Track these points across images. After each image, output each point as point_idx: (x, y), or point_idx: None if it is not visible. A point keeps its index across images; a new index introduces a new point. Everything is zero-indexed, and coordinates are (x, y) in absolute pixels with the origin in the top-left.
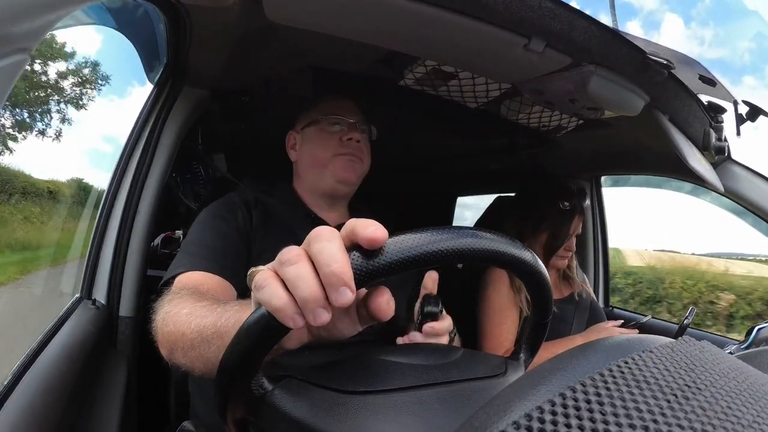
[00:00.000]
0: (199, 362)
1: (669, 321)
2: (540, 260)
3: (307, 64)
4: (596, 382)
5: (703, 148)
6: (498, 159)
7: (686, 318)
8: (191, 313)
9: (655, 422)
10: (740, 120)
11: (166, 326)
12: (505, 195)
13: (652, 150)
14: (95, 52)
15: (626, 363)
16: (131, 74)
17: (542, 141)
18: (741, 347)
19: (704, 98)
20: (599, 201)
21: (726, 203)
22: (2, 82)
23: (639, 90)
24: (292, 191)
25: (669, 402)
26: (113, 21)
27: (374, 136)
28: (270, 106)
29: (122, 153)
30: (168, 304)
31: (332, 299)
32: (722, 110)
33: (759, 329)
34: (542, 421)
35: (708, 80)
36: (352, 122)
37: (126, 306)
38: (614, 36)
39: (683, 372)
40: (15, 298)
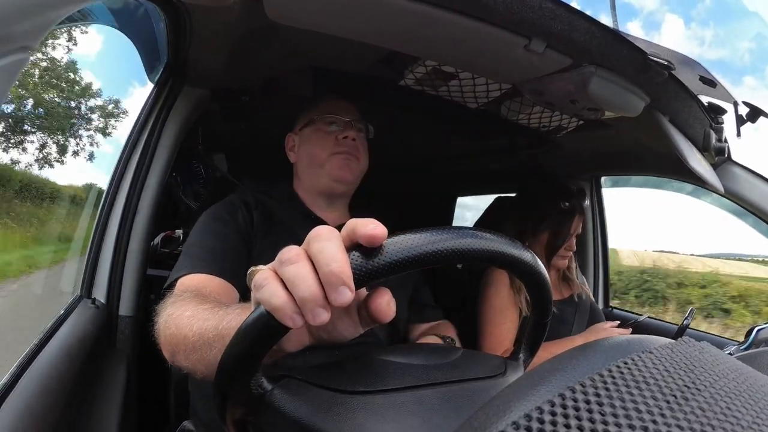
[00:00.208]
0: (201, 365)
1: (663, 320)
2: (539, 260)
3: (308, 64)
4: (596, 383)
5: (703, 149)
6: (498, 159)
7: (686, 319)
8: (193, 316)
9: (655, 423)
10: (740, 121)
11: (169, 329)
12: (505, 195)
13: (653, 151)
14: (95, 52)
15: (626, 364)
16: (131, 73)
17: (542, 141)
18: (740, 348)
19: (704, 99)
20: (599, 201)
21: (726, 204)
22: (3, 81)
23: (639, 91)
24: (292, 192)
25: (668, 403)
26: (113, 20)
27: (371, 135)
28: (270, 106)
29: (122, 152)
30: (170, 307)
31: (331, 298)
32: (722, 111)
33: (758, 330)
34: (542, 422)
35: (708, 81)
36: (348, 121)
37: (126, 305)
38: (615, 37)
39: (683, 373)
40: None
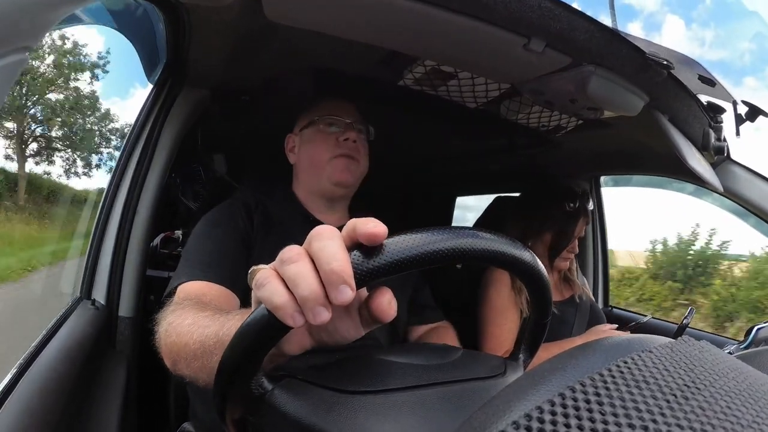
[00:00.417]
0: (203, 373)
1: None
2: (539, 261)
3: (307, 64)
4: (596, 382)
5: (703, 149)
6: (497, 159)
7: (685, 318)
8: (194, 324)
9: (655, 422)
10: (739, 120)
11: (169, 337)
12: (505, 195)
13: (652, 150)
14: (95, 52)
15: (626, 363)
16: (129, 74)
17: (542, 141)
18: (740, 347)
19: (704, 98)
20: (598, 201)
21: (727, 204)
22: (2, 82)
23: (639, 90)
24: (291, 194)
25: (668, 402)
26: (113, 21)
27: (372, 136)
28: (270, 107)
29: (122, 153)
30: (171, 315)
31: (332, 297)
32: (721, 110)
33: (758, 329)
34: (542, 421)
35: (707, 80)
36: (348, 122)
37: (125, 306)
38: (614, 36)
39: (683, 372)
40: None
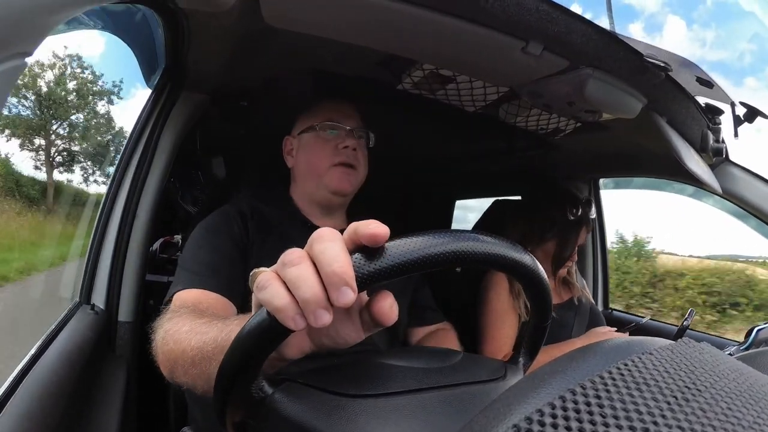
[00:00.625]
0: (201, 380)
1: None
2: (539, 264)
3: (306, 68)
4: (596, 385)
5: (701, 150)
6: (496, 162)
7: (686, 319)
8: (191, 330)
9: (656, 424)
10: (738, 122)
11: (167, 345)
12: (504, 198)
13: (650, 152)
14: (93, 57)
15: (626, 365)
16: (128, 79)
17: (540, 144)
18: (740, 348)
19: (702, 100)
20: (597, 204)
21: (728, 206)
22: (1, 87)
23: (636, 92)
24: (289, 199)
25: (669, 404)
26: (111, 26)
27: (372, 143)
28: (269, 110)
29: (121, 157)
30: (168, 323)
31: (333, 299)
32: (720, 112)
33: (758, 330)
34: (542, 424)
35: (705, 82)
36: (349, 129)
37: (125, 311)
38: (611, 39)
39: (683, 374)
40: None
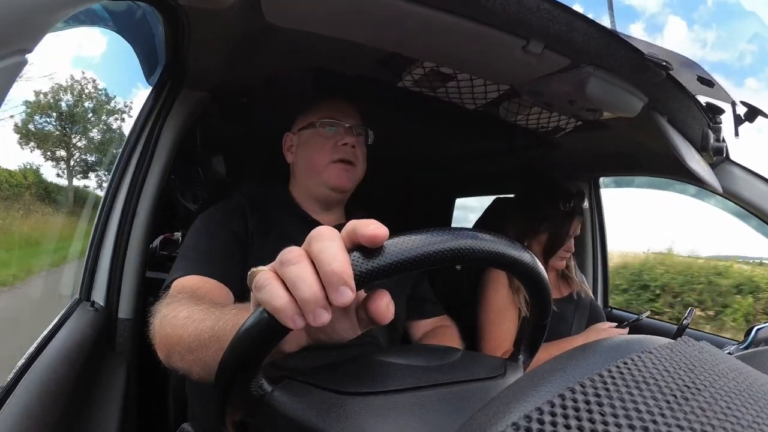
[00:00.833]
0: (197, 366)
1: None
2: (539, 261)
3: (306, 65)
4: (595, 383)
5: (702, 149)
6: (496, 160)
7: (685, 318)
8: (189, 317)
9: (655, 423)
10: (738, 121)
11: (164, 329)
12: (504, 196)
13: (651, 151)
14: (93, 55)
15: (625, 364)
16: (129, 76)
17: (541, 142)
18: (740, 347)
19: (702, 99)
20: (598, 202)
21: (730, 206)
22: (1, 84)
23: (637, 91)
24: (288, 194)
25: (668, 402)
26: (112, 23)
27: (371, 140)
28: (269, 107)
29: (121, 154)
30: (166, 308)
31: (332, 298)
32: (720, 111)
33: (758, 329)
34: (541, 423)
35: (706, 81)
36: (348, 126)
37: (125, 308)
38: (612, 37)
39: (682, 372)
40: None
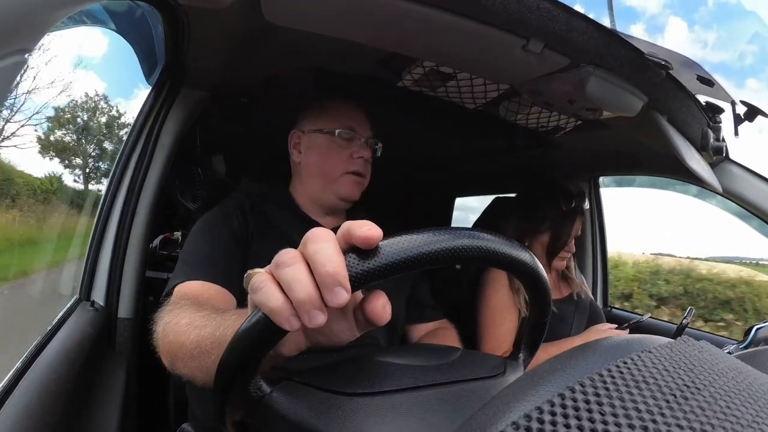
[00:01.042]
0: (200, 372)
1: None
2: (538, 261)
3: (306, 65)
4: (595, 383)
5: (701, 149)
6: (496, 160)
7: (685, 318)
8: (190, 324)
9: (654, 422)
10: (738, 120)
11: (167, 337)
12: (504, 196)
13: (651, 150)
14: (92, 55)
15: (625, 363)
16: (129, 76)
17: (541, 142)
18: (739, 347)
19: (702, 99)
20: (597, 202)
21: (731, 207)
22: (1, 84)
23: (637, 91)
24: (288, 195)
25: (668, 402)
26: (111, 23)
27: (379, 153)
28: (269, 108)
29: (121, 154)
30: (168, 315)
31: (327, 299)
32: (720, 110)
33: (758, 329)
34: (541, 422)
35: (706, 81)
36: (365, 139)
37: (125, 307)
38: (612, 37)
39: (682, 372)
40: None
